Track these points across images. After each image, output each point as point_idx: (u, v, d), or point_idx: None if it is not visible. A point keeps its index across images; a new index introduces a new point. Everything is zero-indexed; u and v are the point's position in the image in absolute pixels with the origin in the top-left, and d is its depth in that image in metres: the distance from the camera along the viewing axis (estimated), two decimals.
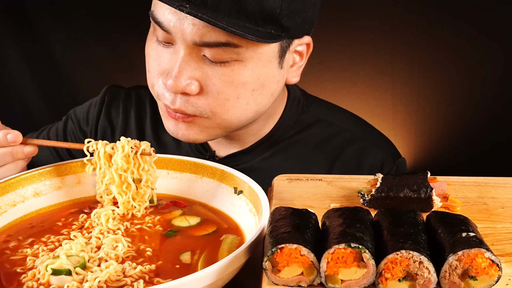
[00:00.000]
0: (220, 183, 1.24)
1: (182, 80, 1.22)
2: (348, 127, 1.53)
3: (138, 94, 1.62)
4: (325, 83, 2.96)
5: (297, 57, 1.35)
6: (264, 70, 1.26)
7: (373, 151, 1.50)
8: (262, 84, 1.28)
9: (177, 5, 1.12)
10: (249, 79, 1.25)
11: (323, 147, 1.50)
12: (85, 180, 1.29)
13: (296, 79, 1.38)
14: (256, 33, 1.17)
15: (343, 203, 1.14)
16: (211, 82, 1.23)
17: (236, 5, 1.14)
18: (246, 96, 1.27)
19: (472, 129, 2.99)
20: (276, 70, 1.29)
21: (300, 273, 0.88)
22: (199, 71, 1.23)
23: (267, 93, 1.31)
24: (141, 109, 1.60)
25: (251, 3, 1.15)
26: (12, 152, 1.22)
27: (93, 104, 1.64)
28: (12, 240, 1.12)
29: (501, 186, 1.19)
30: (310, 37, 1.33)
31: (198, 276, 0.87)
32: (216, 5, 1.14)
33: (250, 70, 1.24)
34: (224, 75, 1.23)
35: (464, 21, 2.83)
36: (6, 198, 1.19)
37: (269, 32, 1.20)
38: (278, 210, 0.96)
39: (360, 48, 2.94)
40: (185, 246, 1.09)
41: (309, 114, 1.52)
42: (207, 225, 1.16)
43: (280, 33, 1.22)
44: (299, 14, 1.23)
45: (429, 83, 2.99)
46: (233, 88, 1.24)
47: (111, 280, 0.97)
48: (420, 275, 0.84)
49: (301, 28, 1.28)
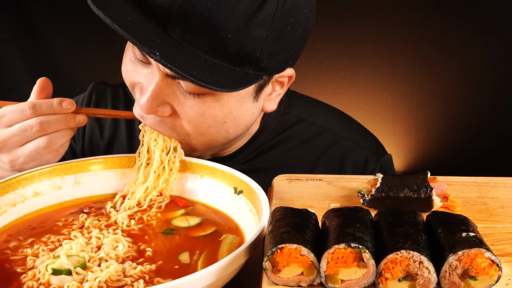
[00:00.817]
0: (220, 183, 1.24)
1: (154, 104, 1.20)
2: (330, 127, 1.51)
3: (126, 91, 1.60)
4: (325, 83, 2.96)
5: (277, 86, 1.32)
6: (237, 105, 1.24)
7: (356, 150, 1.48)
8: (235, 117, 1.26)
9: (147, 51, 1.08)
10: (220, 113, 1.23)
11: (306, 148, 1.49)
12: (85, 180, 1.29)
13: (273, 107, 1.35)
14: (230, 78, 1.13)
15: (343, 203, 1.14)
16: (183, 110, 1.22)
17: (214, 44, 1.12)
18: (217, 127, 1.25)
19: (472, 129, 3.00)
20: (251, 104, 1.27)
21: (300, 273, 0.88)
22: (173, 97, 1.21)
23: (241, 124, 1.29)
24: (129, 106, 1.57)
25: (230, 46, 1.12)
26: (65, 119, 1.24)
27: (79, 102, 1.62)
28: (12, 240, 1.12)
29: (501, 186, 1.19)
30: (292, 69, 1.29)
31: (198, 276, 0.87)
32: (194, 41, 1.12)
33: (222, 105, 1.22)
34: (195, 105, 1.21)
35: (464, 21, 2.83)
36: (6, 198, 1.19)
37: (246, 73, 1.17)
38: (278, 210, 0.97)
39: (360, 48, 2.95)
40: (185, 246, 1.09)
41: (291, 114, 1.51)
42: (207, 225, 1.16)
43: (259, 73, 1.19)
44: (281, 54, 1.20)
45: (429, 83, 2.99)
46: (204, 119, 1.23)
47: (111, 280, 0.97)
48: (420, 275, 0.84)
49: (283, 66, 1.24)
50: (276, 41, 1.16)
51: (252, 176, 1.18)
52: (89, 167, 1.29)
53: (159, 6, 1.12)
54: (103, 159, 1.31)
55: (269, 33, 1.14)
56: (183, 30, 1.11)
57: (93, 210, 1.23)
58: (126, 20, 1.11)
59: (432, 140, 3.07)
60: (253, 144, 1.46)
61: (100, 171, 1.30)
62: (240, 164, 1.44)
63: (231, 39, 1.11)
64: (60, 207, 1.25)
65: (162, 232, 1.14)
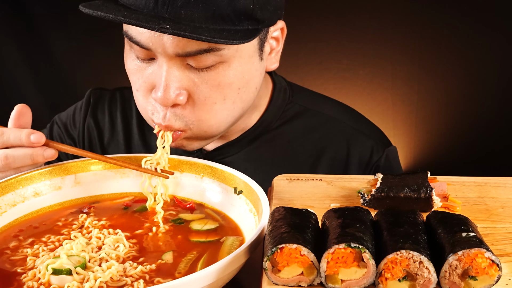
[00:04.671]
0: (220, 183, 1.24)
1: (171, 92, 1.20)
2: (336, 116, 1.52)
3: (123, 95, 1.61)
4: (325, 83, 2.96)
5: (273, 43, 1.35)
6: (247, 66, 1.27)
7: (361, 140, 1.49)
8: (247, 81, 1.28)
9: (158, 28, 1.10)
10: (234, 79, 1.25)
11: (311, 137, 1.49)
12: (85, 180, 1.29)
13: (276, 65, 1.38)
14: (236, 34, 1.17)
15: (343, 203, 1.14)
16: (199, 89, 1.23)
17: (209, 11, 1.15)
18: (233, 95, 1.27)
19: (472, 129, 3.00)
20: (258, 63, 1.30)
21: (300, 273, 0.88)
22: (186, 80, 1.22)
23: (252, 87, 1.31)
24: (126, 110, 1.59)
25: (224, 7, 1.15)
26: (32, 155, 1.19)
27: (78, 108, 1.63)
28: (12, 240, 1.12)
29: (501, 186, 1.19)
30: (282, 21, 1.34)
31: (198, 276, 0.87)
32: (190, 15, 1.14)
33: (235, 70, 1.24)
34: (210, 79, 1.22)
35: (465, 21, 2.83)
36: (6, 198, 1.19)
37: (247, 29, 1.21)
38: (278, 210, 0.97)
39: (360, 48, 2.95)
40: (185, 247, 1.09)
41: (295, 104, 1.52)
42: (215, 233, 1.15)
43: (257, 26, 1.23)
44: (270, 3, 1.24)
45: (429, 83, 2.99)
46: (220, 91, 1.24)
47: (112, 280, 0.97)
48: (420, 275, 0.84)
49: (274, 16, 1.29)
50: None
51: (258, 165, 1.19)
52: (89, 167, 1.29)
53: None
54: None
55: None
56: (177, 8, 1.14)
57: (92, 210, 1.23)
58: (124, 14, 1.13)
59: (432, 140, 3.07)
60: (259, 131, 1.47)
61: (100, 171, 1.30)
62: (246, 152, 1.45)
63: (223, 0, 1.15)
64: (60, 207, 1.25)
65: (171, 220, 1.17)
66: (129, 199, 1.28)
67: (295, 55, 2.87)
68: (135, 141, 1.56)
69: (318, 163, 1.47)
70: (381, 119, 2.98)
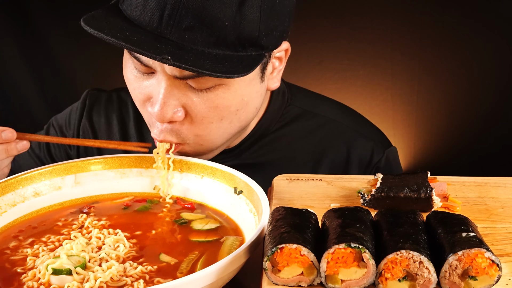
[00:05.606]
0: (220, 183, 1.24)
1: (168, 110, 1.20)
2: (335, 117, 1.52)
3: (120, 96, 1.60)
4: (325, 83, 2.96)
5: (276, 62, 1.33)
6: (247, 89, 1.25)
7: (361, 141, 1.49)
8: (246, 102, 1.27)
9: (159, 58, 1.09)
10: (233, 101, 1.23)
11: (310, 139, 1.49)
12: (85, 180, 1.29)
13: (277, 84, 1.36)
14: (238, 63, 1.15)
15: (343, 203, 1.14)
16: (196, 108, 1.22)
17: (213, 37, 1.13)
18: (230, 116, 1.26)
19: (472, 129, 2.99)
20: (259, 85, 1.28)
21: (300, 273, 0.88)
22: (184, 98, 1.21)
23: (251, 108, 1.30)
24: (123, 111, 1.58)
25: (228, 34, 1.14)
26: (6, 149, 1.26)
27: (74, 109, 1.62)
28: (12, 240, 1.12)
29: (501, 186, 1.19)
30: (287, 42, 1.31)
31: (198, 276, 0.87)
32: (194, 38, 1.12)
33: (234, 92, 1.23)
34: (208, 100, 1.21)
35: (465, 21, 2.83)
36: (6, 198, 1.19)
37: (250, 55, 1.18)
38: (278, 210, 0.97)
39: (360, 48, 2.94)
40: (185, 246, 1.09)
41: (294, 106, 1.51)
42: (214, 233, 1.15)
43: (261, 52, 1.21)
44: (276, 29, 1.22)
45: (429, 83, 2.99)
46: (218, 112, 1.23)
47: (112, 280, 0.97)
48: (420, 275, 0.84)
49: (280, 40, 1.26)
50: (270, 18, 1.19)
51: (258, 169, 1.18)
52: (89, 167, 1.30)
53: (150, 14, 1.13)
54: (103, 159, 1.31)
55: (261, 12, 1.17)
56: (181, 31, 1.12)
57: (92, 210, 1.23)
58: (126, 35, 1.12)
59: (432, 140, 3.07)
60: (258, 135, 1.46)
61: (100, 171, 1.30)
62: (245, 157, 1.45)
63: (229, 27, 1.13)
64: (60, 207, 1.25)
65: (174, 220, 1.18)
66: (129, 199, 1.28)
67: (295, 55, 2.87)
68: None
69: (318, 166, 1.47)
70: (381, 119, 2.97)
